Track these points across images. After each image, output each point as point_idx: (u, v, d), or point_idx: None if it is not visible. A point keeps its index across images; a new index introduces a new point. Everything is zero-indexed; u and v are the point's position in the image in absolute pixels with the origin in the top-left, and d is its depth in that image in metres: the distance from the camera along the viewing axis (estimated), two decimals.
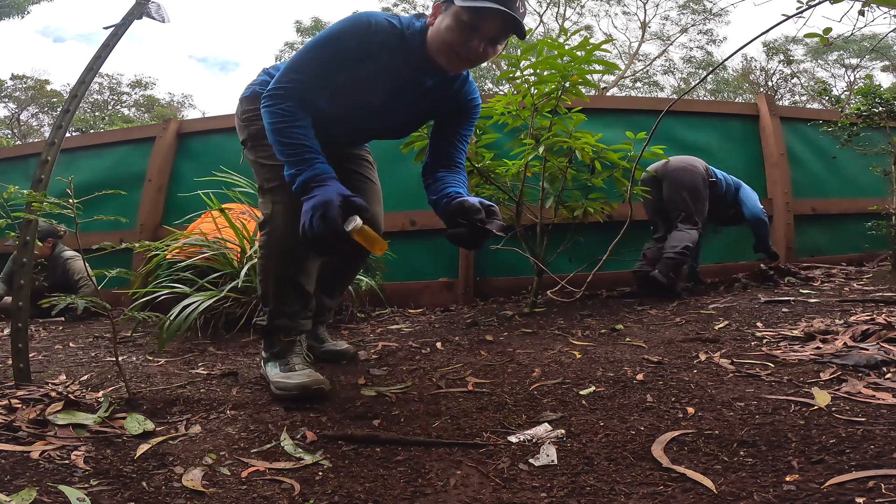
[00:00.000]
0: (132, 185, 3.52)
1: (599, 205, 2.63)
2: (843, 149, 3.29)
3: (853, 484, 0.73)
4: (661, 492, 0.77)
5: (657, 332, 1.88)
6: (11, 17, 9.75)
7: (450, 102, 1.48)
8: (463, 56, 1.28)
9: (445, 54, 1.29)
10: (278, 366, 1.35)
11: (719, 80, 17.30)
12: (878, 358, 1.28)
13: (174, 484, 0.86)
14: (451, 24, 1.25)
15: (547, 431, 1.02)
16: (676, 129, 3.54)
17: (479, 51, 1.26)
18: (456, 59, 1.29)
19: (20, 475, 0.87)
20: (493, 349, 1.76)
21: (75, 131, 13.03)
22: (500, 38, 1.28)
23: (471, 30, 1.24)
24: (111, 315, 1.29)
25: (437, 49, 1.29)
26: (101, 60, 1.52)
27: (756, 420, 0.99)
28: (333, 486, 0.85)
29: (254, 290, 2.16)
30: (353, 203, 1.18)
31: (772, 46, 16.87)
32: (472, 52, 1.26)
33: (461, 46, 1.26)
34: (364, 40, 1.30)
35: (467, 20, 1.23)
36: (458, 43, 1.26)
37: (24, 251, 1.37)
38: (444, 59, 1.30)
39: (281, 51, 17.95)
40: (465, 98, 1.48)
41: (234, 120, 1.64)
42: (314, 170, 1.22)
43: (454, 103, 1.48)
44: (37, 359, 1.83)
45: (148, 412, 1.20)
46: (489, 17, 1.23)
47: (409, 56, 1.34)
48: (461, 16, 1.23)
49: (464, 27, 1.24)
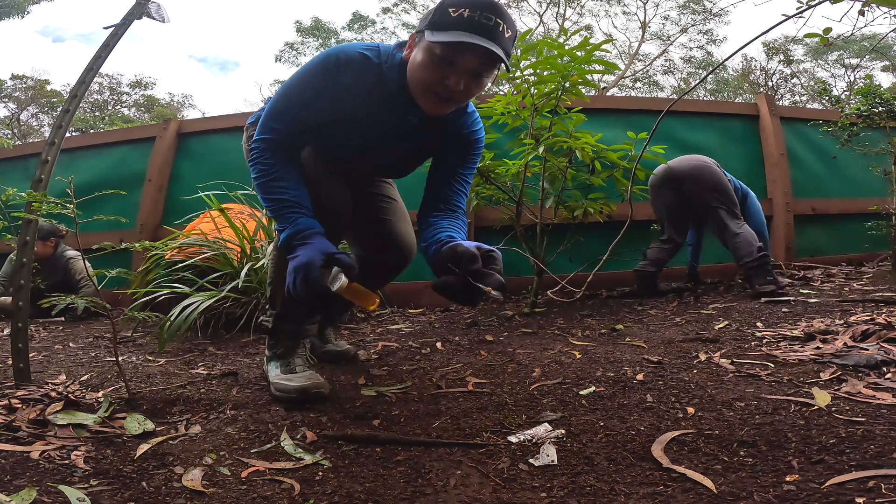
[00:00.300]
0: (132, 185, 3.52)
1: (599, 205, 2.63)
2: (843, 149, 3.29)
3: (853, 484, 0.73)
4: (661, 492, 0.77)
5: (657, 332, 1.88)
6: (11, 17, 9.75)
7: (445, 137, 1.33)
8: (442, 96, 1.13)
9: (422, 95, 1.15)
10: (279, 366, 1.34)
11: (719, 80, 17.31)
12: (878, 358, 1.28)
13: (174, 484, 0.86)
14: (424, 59, 1.11)
15: (547, 431, 1.02)
16: (676, 129, 3.54)
17: (458, 89, 1.11)
18: (434, 99, 1.15)
19: (20, 475, 0.87)
20: (493, 349, 1.76)
21: (75, 131, 13.03)
22: (484, 71, 1.13)
23: (447, 65, 1.10)
24: (111, 315, 1.29)
25: (413, 89, 1.17)
26: (101, 60, 1.52)
27: (756, 420, 0.99)
28: (333, 486, 0.85)
29: (254, 290, 2.16)
30: (338, 260, 1.12)
31: (772, 46, 16.88)
32: (451, 91, 1.11)
33: (438, 85, 1.12)
34: (332, 79, 1.20)
35: (440, 55, 1.09)
36: (434, 81, 1.11)
37: (24, 251, 1.37)
38: (422, 101, 1.17)
39: (281, 51, 17.98)
40: (461, 132, 1.33)
41: (233, 120, 1.64)
42: (295, 226, 1.17)
43: (450, 138, 1.33)
44: (37, 359, 1.83)
45: (148, 412, 1.20)
46: (466, 50, 1.07)
47: (389, 93, 1.22)
48: (433, 50, 1.09)
49: (438, 63, 1.10)
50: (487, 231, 3.24)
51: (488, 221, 3.19)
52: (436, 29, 1.08)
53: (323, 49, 17.88)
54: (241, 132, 1.59)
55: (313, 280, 1.10)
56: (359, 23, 18.07)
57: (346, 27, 18.17)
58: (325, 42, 17.79)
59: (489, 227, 3.21)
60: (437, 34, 1.07)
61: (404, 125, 1.29)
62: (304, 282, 1.11)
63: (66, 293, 1.43)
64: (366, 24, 18.15)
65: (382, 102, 1.24)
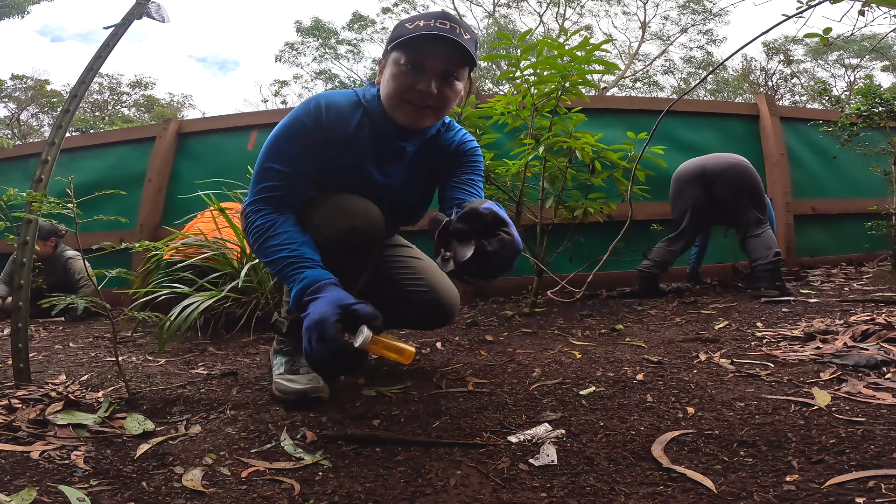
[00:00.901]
0: (132, 185, 3.52)
1: (599, 205, 2.63)
2: (843, 149, 3.30)
3: (853, 484, 0.73)
4: (661, 492, 0.77)
5: (657, 332, 1.88)
6: (11, 17, 9.75)
7: (441, 157, 1.34)
8: (417, 103, 1.15)
9: (398, 108, 1.17)
10: (285, 364, 1.33)
11: (719, 80, 17.31)
12: (878, 358, 1.28)
13: (174, 484, 0.86)
14: (393, 71, 1.14)
15: (547, 431, 1.02)
16: (676, 129, 3.54)
17: (430, 91, 1.12)
18: (410, 109, 1.16)
19: (20, 475, 0.87)
20: (493, 349, 1.76)
21: (75, 131, 13.04)
22: (453, 70, 1.14)
23: (414, 70, 1.12)
24: (111, 315, 1.29)
25: (390, 106, 1.18)
26: (101, 60, 1.53)
27: (756, 420, 0.99)
28: (333, 486, 0.85)
29: (254, 289, 2.16)
30: (356, 312, 1.00)
31: (772, 46, 16.89)
32: (424, 95, 1.13)
33: (410, 92, 1.13)
34: (317, 122, 1.18)
35: (406, 61, 1.12)
36: (406, 88, 1.13)
37: (24, 251, 1.37)
38: (399, 115, 1.18)
39: (281, 51, 17.99)
40: (452, 145, 1.34)
41: (233, 120, 1.64)
42: (302, 282, 1.07)
43: (445, 153, 1.34)
44: (37, 359, 1.83)
45: (148, 412, 1.20)
46: (429, 50, 1.11)
47: (375, 125, 1.23)
48: (399, 60, 1.13)
49: (406, 71, 1.12)
50: None
51: None
52: (397, 43, 1.12)
53: (323, 49, 17.95)
54: (241, 132, 1.60)
55: (330, 339, 0.96)
56: (359, 23, 18.08)
57: (346, 27, 18.19)
58: (325, 42, 17.80)
59: None
60: (398, 42, 1.11)
61: (401, 155, 1.29)
62: (319, 342, 0.97)
63: (65, 293, 1.43)
64: (366, 24, 18.16)
65: (372, 135, 1.24)
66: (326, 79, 18.00)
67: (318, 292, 1.05)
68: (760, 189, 2.64)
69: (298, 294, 1.07)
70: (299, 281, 1.08)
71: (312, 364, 1.03)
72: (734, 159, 2.67)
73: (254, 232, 1.17)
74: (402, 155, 1.30)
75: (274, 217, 1.17)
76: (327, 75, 18.06)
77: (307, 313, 1.02)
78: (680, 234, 2.75)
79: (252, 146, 3.55)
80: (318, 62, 18.20)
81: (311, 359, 1.01)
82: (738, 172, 2.63)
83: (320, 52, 18.05)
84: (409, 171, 1.34)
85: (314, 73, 18.30)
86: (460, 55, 1.12)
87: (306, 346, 1.00)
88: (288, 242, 1.13)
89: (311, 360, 1.01)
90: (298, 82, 19.08)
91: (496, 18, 18.17)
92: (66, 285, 3.16)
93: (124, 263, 2.67)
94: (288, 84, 18.95)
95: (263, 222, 1.16)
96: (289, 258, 1.11)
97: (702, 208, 2.71)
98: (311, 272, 1.09)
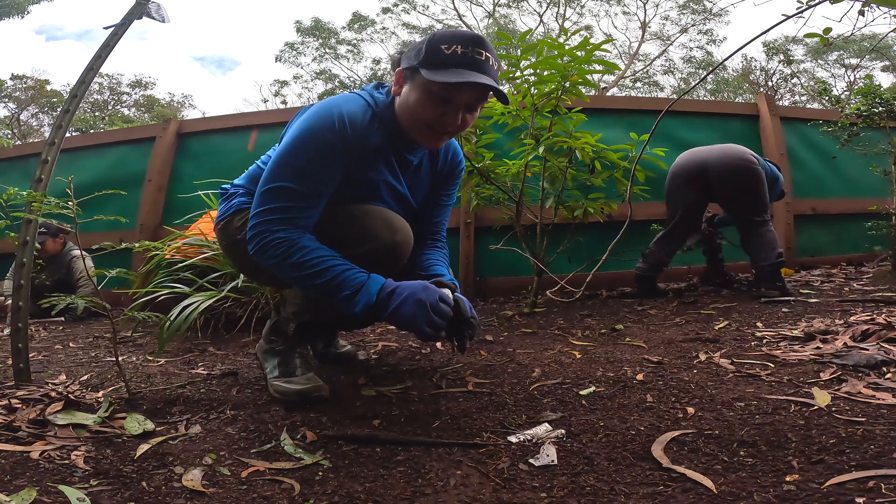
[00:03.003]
0: (132, 185, 3.52)
1: (599, 205, 2.63)
2: (843, 149, 3.30)
3: (853, 484, 0.73)
4: (661, 492, 0.77)
5: (657, 332, 1.88)
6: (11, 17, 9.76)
7: (437, 176, 1.38)
8: (440, 131, 1.16)
9: (420, 132, 1.16)
10: (278, 366, 1.32)
11: (719, 80, 17.31)
12: (878, 358, 1.28)
13: (174, 484, 0.86)
14: (420, 97, 1.12)
15: (547, 431, 1.02)
16: (676, 129, 3.54)
17: (457, 123, 1.14)
18: (433, 135, 1.17)
19: (20, 475, 0.87)
20: (493, 349, 1.76)
21: (75, 131, 13.04)
22: (478, 104, 1.17)
23: (443, 103, 1.12)
24: (111, 315, 1.29)
25: (409, 126, 1.17)
26: (101, 60, 1.53)
27: (756, 420, 0.99)
28: (333, 486, 0.85)
29: (254, 289, 2.16)
30: (446, 285, 1.14)
31: (772, 46, 16.89)
32: (450, 125, 1.14)
33: (437, 123, 1.14)
34: (343, 139, 1.13)
35: (438, 93, 1.10)
36: (434, 119, 1.13)
37: (24, 251, 1.37)
38: (419, 137, 1.18)
39: (281, 51, 17.99)
40: (447, 164, 1.39)
41: (233, 120, 1.63)
42: (370, 283, 1.08)
43: (440, 171, 1.38)
44: (37, 359, 1.83)
45: (148, 412, 1.20)
46: (465, 88, 1.10)
47: (388, 135, 1.21)
48: (430, 88, 1.10)
49: (435, 101, 1.11)
50: (487, 231, 3.25)
51: (488, 221, 3.19)
52: (431, 67, 1.09)
53: (323, 49, 17.93)
54: (241, 132, 1.59)
55: (445, 313, 1.07)
56: (359, 23, 18.08)
57: (346, 27, 18.20)
58: (325, 42, 17.79)
59: (489, 227, 3.21)
60: (434, 73, 1.08)
61: (409, 167, 1.30)
62: (437, 315, 1.06)
63: (65, 292, 1.43)
64: (366, 24, 18.16)
65: (385, 146, 1.22)
66: (326, 79, 18.01)
67: (393, 286, 1.09)
68: (763, 191, 2.52)
69: (379, 291, 1.08)
70: (366, 283, 1.08)
71: (430, 338, 1.09)
72: (737, 157, 2.51)
73: (276, 246, 1.10)
74: (409, 166, 1.31)
75: (295, 234, 1.11)
76: (327, 75, 18.07)
77: (401, 303, 1.06)
78: (671, 232, 2.67)
79: (252, 146, 3.55)
80: (318, 62, 18.22)
81: (429, 335, 1.07)
82: (743, 173, 2.48)
83: (320, 52, 18.06)
84: (414, 182, 1.35)
85: (314, 73, 18.32)
86: (489, 90, 1.12)
87: (423, 327, 1.05)
88: (329, 255, 1.11)
89: (429, 336, 1.07)
90: (298, 82, 19.11)
91: (496, 18, 18.16)
92: (67, 284, 3.17)
93: (124, 263, 2.68)
94: (288, 84, 18.98)
95: (286, 237, 1.10)
96: (340, 265, 1.09)
97: (697, 208, 2.65)
98: (371, 275, 1.11)
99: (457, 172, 1.42)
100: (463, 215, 3.24)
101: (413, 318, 1.05)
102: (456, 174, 1.42)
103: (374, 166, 1.23)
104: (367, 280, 1.09)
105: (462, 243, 3.27)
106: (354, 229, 1.19)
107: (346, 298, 1.08)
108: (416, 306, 1.05)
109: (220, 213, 1.37)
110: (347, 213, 1.22)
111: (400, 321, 1.07)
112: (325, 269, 1.09)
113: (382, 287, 1.09)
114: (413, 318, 1.05)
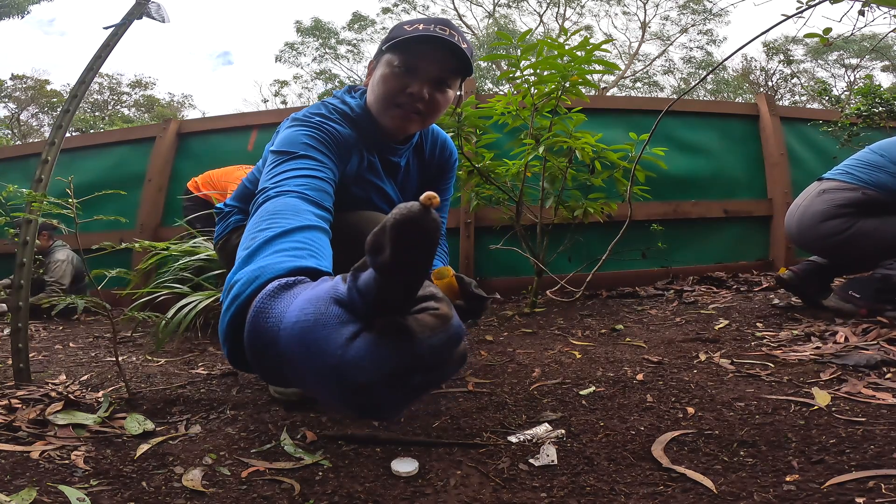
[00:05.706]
0: (132, 185, 3.52)
1: (599, 205, 2.63)
2: (843, 149, 3.30)
3: (853, 484, 0.73)
4: (661, 492, 0.77)
5: (657, 332, 1.88)
6: (11, 17, 9.76)
7: (427, 169, 1.33)
8: (407, 107, 1.08)
9: (386, 111, 1.10)
10: None
11: (719, 80, 17.32)
12: (878, 358, 1.28)
13: (174, 484, 0.86)
14: (384, 73, 1.07)
15: (547, 431, 1.02)
16: (676, 129, 3.54)
17: (422, 94, 1.06)
18: (399, 113, 1.09)
19: (20, 475, 0.87)
20: (493, 349, 1.76)
21: (75, 131, 13.04)
22: (447, 78, 1.09)
23: (407, 73, 1.06)
24: (111, 315, 1.29)
25: (377, 110, 1.11)
26: (101, 60, 1.53)
27: (756, 420, 0.99)
28: (333, 486, 0.85)
29: None
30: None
31: (772, 46, 16.90)
32: (414, 99, 1.06)
33: (400, 95, 1.07)
34: (327, 130, 1.04)
35: (400, 62, 1.05)
36: (397, 91, 1.06)
37: (24, 251, 1.37)
38: (387, 119, 1.10)
39: (281, 51, 17.99)
40: (442, 159, 1.34)
41: (233, 120, 1.62)
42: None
43: (431, 168, 1.34)
44: (37, 359, 1.83)
45: (148, 412, 1.20)
46: (425, 53, 1.04)
47: (369, 138, 1.15)
48: (393, 60, 1.06)
49: (399, 73, 1.06)
50: (487, 231, 3.25)
51: (488, 221, 3.19)
52: (393, 44, 1.06)
53: (323, 49, 17.94)
54: (241, 132, 1.59)
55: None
56: (359, 23, 18.09)
57: (345, 27, 18.21)
58: (324, 42, 17.81)
59: (489, 227, 3.21)
60: (394, 43, 1.05)
61: (396, 170, 1.24)
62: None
63: (35, 291, 1.43)
64: (366, 24, 18.17)
65: (367, 149, 1.16)
66: (326, 79, 18.01)
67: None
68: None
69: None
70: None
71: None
72: (801, 218, 2.05)
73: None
74: (397, 170, 1.25)
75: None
76: (327, 75, 18.07)
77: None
78: None
79: (252, 146, 3.55)
80: (318, 62, 18.23)
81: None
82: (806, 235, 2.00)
83: (320, 53, 18.07)
84: (405, 184, 1.29)
85: (314, 74, 18.33)
86: (456, 62, 1.07)
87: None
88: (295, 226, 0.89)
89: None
90: (298, 82, 19.13)
91: (496, 18, 18.17)
92: (39, 283, 3.14)
93: (124, 264, 2.67)
94: (288, 84, 19.00)
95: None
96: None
97: None
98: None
99: (449, 165, 1.37)
100: (463, 215, 3.24)
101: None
102: (448, 167, 1.37)
103: (360, 167, 1.18)
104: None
105: (462, 243, 3.27)
106: (351, 233, 1.16)
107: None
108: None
109: (218, 232, 1.36)
110: (340, 220, 1.19)
111: None
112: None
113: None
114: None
